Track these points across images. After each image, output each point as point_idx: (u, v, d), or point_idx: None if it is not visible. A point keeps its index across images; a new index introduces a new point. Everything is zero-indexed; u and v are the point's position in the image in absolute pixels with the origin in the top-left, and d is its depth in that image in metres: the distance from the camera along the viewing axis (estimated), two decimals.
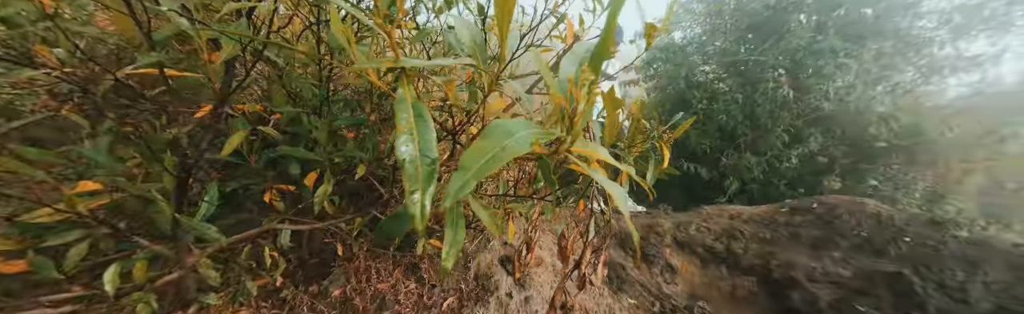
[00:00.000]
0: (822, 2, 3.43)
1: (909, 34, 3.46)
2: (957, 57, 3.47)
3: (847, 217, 2.00)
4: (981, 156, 3.06)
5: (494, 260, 1.13)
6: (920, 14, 3.44)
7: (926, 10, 3.50)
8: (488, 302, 1.03)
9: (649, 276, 2.15)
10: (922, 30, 3.45)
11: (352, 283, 1.07)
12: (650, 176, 0.72)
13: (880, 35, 3.43)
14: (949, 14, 3.39)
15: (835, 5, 3.38)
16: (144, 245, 0.57)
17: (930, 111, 3.06)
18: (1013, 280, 1.50)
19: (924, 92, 3.57)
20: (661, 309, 1.85)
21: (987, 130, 2.80)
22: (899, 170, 3.18)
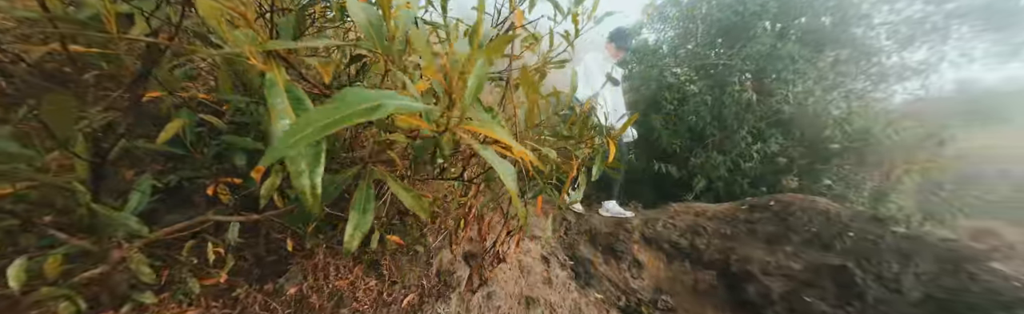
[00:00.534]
0: (785, 11, 3.62)
1: (863, 44, 3.70)
2: (903, 66, 3.75)
3: (800, 214, 2.12)
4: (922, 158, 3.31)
5: (457, 256, 1.12)
6: (872, 25, 3.69)
7: (878, 22, 3.76)
8: (449, 298, 1.02)
9: (617, 271, 2.21)
10: (874, 40, 3.69)
11: (309, 281, 1.04)
12: (595, 170, 0.74)
13: (837, 43, 3.65)
14: (897, 26, 3.65)
15: (797, 14, 3.57)
16: (62, 239, 0.53)
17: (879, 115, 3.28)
18: (940, 271, 1.64)
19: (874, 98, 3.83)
20: (627, 303, 1.90)
21: (928, 134, 3.03)
22: (850, 170, 3.40)
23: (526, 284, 1.28)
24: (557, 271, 1.52)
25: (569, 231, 2.35)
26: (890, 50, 3.76)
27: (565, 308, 1.44)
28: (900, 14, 3.76)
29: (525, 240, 1.52)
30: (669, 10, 4.23)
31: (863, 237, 1.86)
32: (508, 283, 1.19)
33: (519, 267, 1.31)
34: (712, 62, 3.80)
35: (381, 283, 1.02)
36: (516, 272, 1.27)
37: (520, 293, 1.22)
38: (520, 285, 1.24)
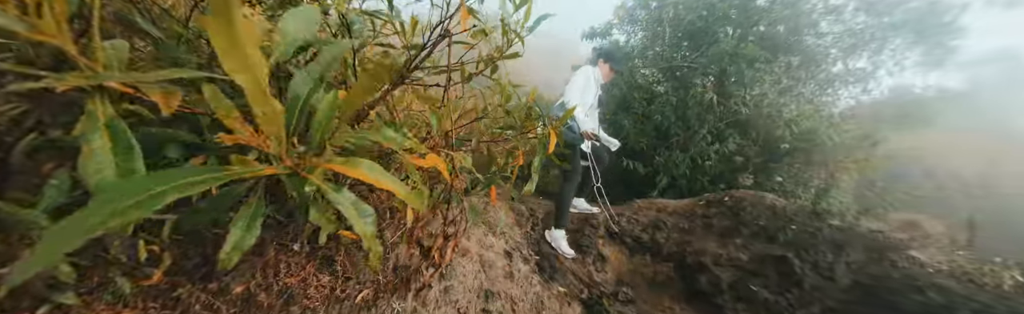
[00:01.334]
0: (745, 17, 3.82)
1: (812, 51, 3.98)
2: (847, 72, 4.07)
3: (750, 209, 2.27)
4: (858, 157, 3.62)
5: (413, 251, 1.12)
6: (821, 34, 3.97)
7: (826, 31, 4.05)
8: (405, 294, 1.02)
9: (582, 265, 2.27)
10: (822, 48, 3.98)
11: (257, 279, 1.00)
12: (537, 160, 0.76)
13: (790, 50, 3.90)
14: (842, 36, 3.95)
15: (756, 21, 3.78)
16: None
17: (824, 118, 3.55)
18: (867, 259, 1.81)
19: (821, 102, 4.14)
20: (589, 295, 1.96)
21: (864, 135, 3.31)
22: (799, 169, 3.67)
23: (487, 278, 1.29)
24: (520, 265, 1.54)
25: (536, 227, 2.39)
26: (835, 58, 4.08)
27: (527, 302, 1.47)
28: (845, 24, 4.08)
29: (488, 235, 1.54)
30: (639, 12, 4.36)
31: (804, 229, 2.01)
32: (468, 277, 1.20)
33: (480, 262, 1.33)
34: (678, 64, 3.96)
35: (335, 279, 1.00)
36: (477, 267, 1.28)
37: (480, 287, 1.23)
38: (480, 279, 1.25)
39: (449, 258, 0.76)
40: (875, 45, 4.00)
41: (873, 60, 3.98)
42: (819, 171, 3.75)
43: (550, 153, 0.81)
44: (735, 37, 3.81)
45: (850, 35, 4.00)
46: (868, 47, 4.04)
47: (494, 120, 0.80)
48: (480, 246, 1.42)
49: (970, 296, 1.45)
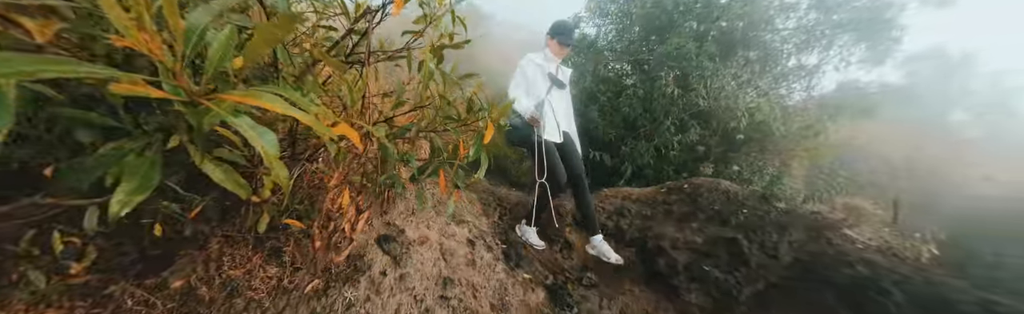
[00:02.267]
0: (707, 12, 3.95)
1: (769, 46, 4.18)
2: (799, 67, 4.32)
3: (707, 195, 2.39)
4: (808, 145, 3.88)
5: (370, 240, 1.11)
6: (776, 30, 4.18)
7: (781, 27, 4.26)
8: (358, 281, 1.01)
9: (549, 253, 2.32)
10: (777, 43, 4.19)
11: (198, 272, 0.96)
12: (473, 151, 0.76)
13: (748, 45, 4.08)
14: (794, 31, 4.17)
15: (716, 16, 3.92)
16: None
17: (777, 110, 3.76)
18: (807, 238, 1.96)
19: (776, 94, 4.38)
20: (554, 281, 2.02)
21: (808, 125, 3.55)
22: (755, 157, 3.89)
23: (446, 266, 1.30)
24: (483, 253, 1.56)
25: (504, 216, 2.42)
26: (789, 53, 4.31)
27: (489, 288, 1.50)
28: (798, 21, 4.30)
29: (450, 224, 1.54)
30: (609, 6, 4.40)
31: (753, 213, 2.15)
32: (426, 265, 1.20)
33: (440, 250, 1.33)
34: (644, 58, 4.05)
35: (283, 270, 0.98)
36: (436, 254, 1.28)
37: (439, 274, 1.24)
38: (440, 267, 1.26)
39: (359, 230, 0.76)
40: (825, 42, 4.25)
41: (822, 56, 4.25)
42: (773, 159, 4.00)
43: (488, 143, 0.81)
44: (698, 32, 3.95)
45: (803, 31, 4.23)
46: (819, 43, 4.29)
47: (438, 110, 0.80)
48: (441, 235, 1.42)
49: (892, 268, 1.61)
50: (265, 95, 0.33)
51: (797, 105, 4.35)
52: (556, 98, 2.05)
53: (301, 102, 0.36)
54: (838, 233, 1.92)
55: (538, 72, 2.01)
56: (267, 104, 0.33)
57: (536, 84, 2.00)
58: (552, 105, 2.01)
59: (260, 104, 0.33)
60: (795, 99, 4.57)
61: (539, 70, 2.01)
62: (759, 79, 4.31)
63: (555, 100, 2.04)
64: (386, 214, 1.24)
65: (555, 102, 2.04)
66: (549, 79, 2.01)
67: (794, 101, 4.52)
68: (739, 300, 1.72)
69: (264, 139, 0.35)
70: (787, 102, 4.36)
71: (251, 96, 0.33)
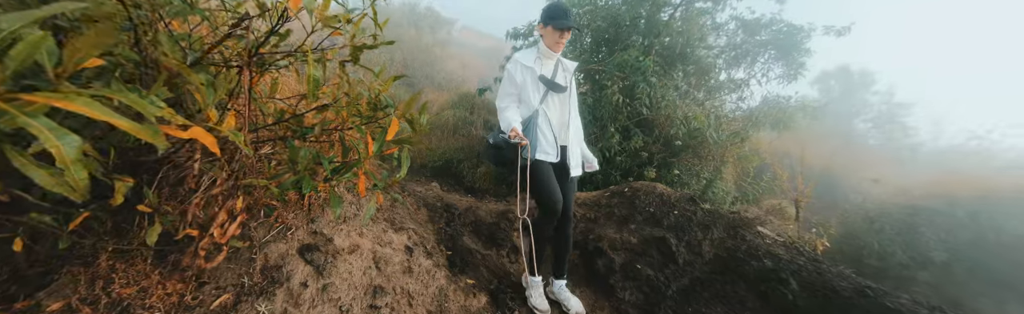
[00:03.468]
0: (650, 28, 4.27)
1: (703, 61, 4.60)
2: (729, 81, 4.80)
3: (644, 197, 2.55)
4: (738, 152, 4.29)
5: (291, 250, 1.06)
6: (709, 47, 4.61)
7: (713, 45, 4.72)
8: (274, 294, 0.96)
9: (496, 258, 2.34)
10: (710, 59, 4.63)
11: (81, 292, 0.86)
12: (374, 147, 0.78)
13: (685, 60, 4.46)
14: (725, 48, 4.63)
15: (658, 32, 4.25)
16: None
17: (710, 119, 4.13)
18: (726, 236, 2.16)
19: (710, 105, 4.82)
20: (498, 285, 2.04)
21: (736, 133, 3.93)
22: (692, 162, 4.22)
23: (379, 274, 1.28)
24: (421, 260, 1.55)
25: (451, 223, 2.41)
26: (721, 68, 4.77)
27: (427, 296, 1.48)
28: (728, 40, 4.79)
29: (388, 231, 1.51)
30: None
31: (683, 214, 2.33)
32: (355, 274, 1.17)
33: (373, 258, 1.30)
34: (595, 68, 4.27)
35: (186, 286, 0.91)
36: (367, 263, 1.25)
37: (369, 283, 1.21)
38: (370, 276, 1.23)
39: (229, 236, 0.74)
40: (750, 59, 4.77)
41: (748, 71, 4.76)
42: (707, 164, 4.37)
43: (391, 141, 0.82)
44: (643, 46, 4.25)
45: (731, 49, 4.72)
46: (745, 60, 4.80)
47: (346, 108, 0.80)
48: (376, 242, 1.39)
49: (792, 260, 1.83)
50: (80, 98, 0.33)
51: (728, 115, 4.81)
52: (554, 105, 1.69)
53: (139, 105, 0.36)
54: (752, 230, 2.14)
55: (528, 76, 1.64)
56: (79, 107, 0.32)
57: (528, 90, 1.64)
58: (547, 115, 1.65)
59: (69, 106, 0.32)
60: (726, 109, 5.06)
61: (529, 73, 1.64)
62: (696, 91, 4.72)
63: (552, 108, 1.68)
64: (313, 222, 1.19)
65: (552, 110, 1.68)
66: (542, 83, 1.64)
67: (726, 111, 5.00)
68: (667, 295, 1.86)
69: (63, 142, 0.34)
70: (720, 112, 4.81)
71: (61, 98, 0.32)
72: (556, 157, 1.66)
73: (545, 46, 1.64)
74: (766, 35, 4.73)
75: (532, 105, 1.65)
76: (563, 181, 1.71)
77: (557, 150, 1.67)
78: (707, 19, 4.50)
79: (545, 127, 1.65)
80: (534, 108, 1.65)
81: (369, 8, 0.78)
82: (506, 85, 1.68)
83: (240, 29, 0.68)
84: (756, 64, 4.79)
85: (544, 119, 1.66)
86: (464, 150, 4.68)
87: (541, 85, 1.65)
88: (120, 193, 0.50)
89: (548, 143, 1.65)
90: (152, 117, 0.37)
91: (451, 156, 4.67)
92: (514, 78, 1.65)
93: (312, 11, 0.73)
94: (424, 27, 10.96)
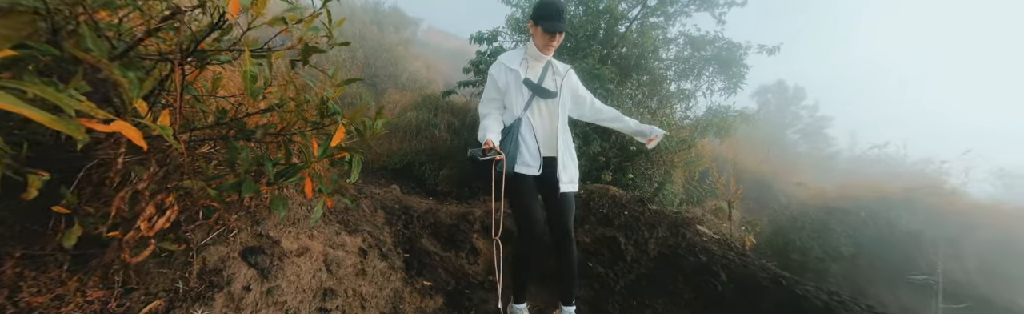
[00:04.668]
0: (608, 39, 4.53)
1: (656, 72, 4.94)
2: (678, 91, 5.19)
3: (598, 199, 2.69)
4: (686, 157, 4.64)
5: (233, 253, 1.02)
6: (661, 59, 4.97)
7: (665, 57, 5.09)
8: (213, 299, 0.92)
9: (454, 260, 2.35)
10: (662, 71, 4.98)
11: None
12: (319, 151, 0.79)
13: (640, 70, 4.76)
14: (674, 61, 5.02)
15: (615, 43, 4.52)
16: None
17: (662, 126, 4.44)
18: (669, 234, 2.34)
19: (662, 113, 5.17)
20: (456, 286, 2.06)
21: (683, 140, 4.26)
22: (644, 167, 4.50)
23: (330, 277, 1.25)
24: (376, 262, 1.53)
25: (410, 225, 2.39)
26: (672, 79, 5.15)
27: (381, 298, 1.47)
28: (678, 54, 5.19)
29: (341, 234, 1.48)
30: (525, 24, 4.74)
31: (632, 214, 2.49)
32: (303, 277, 1.15)
33: (324, 260, 1.28)
34: None
35: (110, 292, 0.85)
36: (317, 265, 1.23)
37: (319, 286, 1.19)
38: (320, 278, 1.21)
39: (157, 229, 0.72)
40: (697, 72, 5.20)
41: (695, 83, 5.18)
42: (659, 169, 4.68)
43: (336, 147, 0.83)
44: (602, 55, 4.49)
45: (681, 62, 5.11)
46: (693, 73, 5.22)
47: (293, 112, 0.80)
48: (327, 245, 1.36)
49: (722, 255, 2.03)
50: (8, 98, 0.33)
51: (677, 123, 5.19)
52: (540, 112, 1.52)
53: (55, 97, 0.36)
54: (692, 229, 2.34)
55: (512, 79, 1.48)
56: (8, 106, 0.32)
57: (511, 95, 1.48)
58: (531, 123, 1.50)
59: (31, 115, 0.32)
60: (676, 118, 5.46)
61: (513, 76, 1.48)
62: (649, 100, 5.06)
63: (538, 115, 1.52)
64: (258, 224, 1.15)
65: (538, 118, 1.52)
66: (528, 87, 1.47)
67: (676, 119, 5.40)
68: (615, 290, 1.98)
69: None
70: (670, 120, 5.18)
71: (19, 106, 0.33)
72: (537, 170, 1.49)
73: (534, 47, 1.48)
74: (710, 51, 5.18)
75: (515, 112, 1.49)
76: (550, 197, 1.56)
77: (540, 162, 1.49)
78: (660, 33, 4.86)
79: (528, 136, 1.48)
80: (517, 115, 1.48)
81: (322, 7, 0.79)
82: (488, 89, 1.52)
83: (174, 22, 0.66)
84: (702, 77, 5.22)
85: (527, 127, 1.49)
86: (426, 152, 4.63)
87: (526, 90, 1.47)
88: (34, 187, 0.48)
89: (530, 154, 1.47)
90: (71, 110, 0.37)
91: (413, 158, 4.60)
92: (496, 82, 1.49)
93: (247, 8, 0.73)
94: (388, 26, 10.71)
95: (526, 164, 1.48)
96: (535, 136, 1.51)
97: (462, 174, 4.52)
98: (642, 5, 4.68)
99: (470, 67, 4.29)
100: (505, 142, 1.44)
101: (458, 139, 4.92)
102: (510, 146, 1.43)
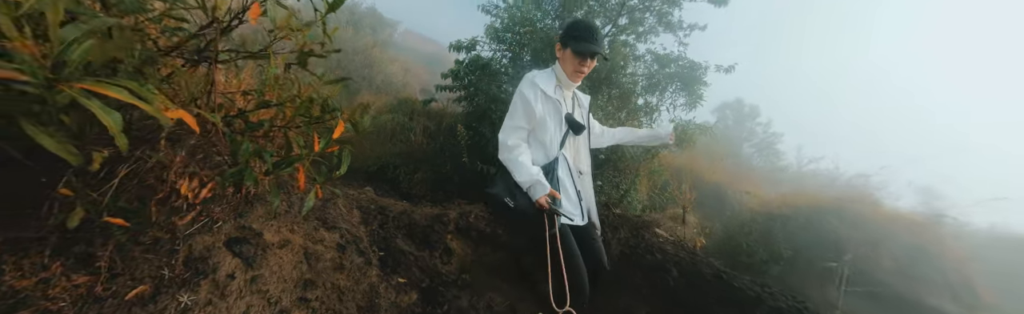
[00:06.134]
0: None
1: (624, 87, 5.30)
2: (645, 105, 5.57)
3: None
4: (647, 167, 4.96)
5: (218, 243, 1.06)
6: (628, 74, 5.34)
7: (632, 72, 5.47)
8: (198, 285, 0.96)
9: (429, 259, 2.41)
10: (630, 85, 5.35)
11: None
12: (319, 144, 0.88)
13: (610, 84, 5.09)
14: (641, 77, 5.40)
15: None
16: None
17: None
18: (630, 236, 2.54)
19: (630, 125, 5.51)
20: (430, 284, 2.11)
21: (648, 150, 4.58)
22: (612, 175, 4.76)
23: (310, 270, 1.30)
24: (354, 258, 1.58)
25: (385, 225, 2.42)
26: (638, 94, 5.53)
27: (357, 292, 1.52)
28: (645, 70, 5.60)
29: (320, 229, 1.53)
30: (504, 34, 4.96)
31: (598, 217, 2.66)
32: (285, 268, 1.19)
33: (304, 254, 1.32)
34: None
35: (95, 278, 0.87)
36: (298, 258, 1.27)
37: (299, 277, 1.23)
38: (301, 270, 1.25)
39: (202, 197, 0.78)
40: (661, 87, 5.62)
41: (659, 98, 5.60)
42: (625, 177, 4.97)
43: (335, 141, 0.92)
44: None
45: (646, 78, 5.52)
46: (657, 88, 5.64)
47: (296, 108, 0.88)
48: (307, 239, 1.40)
49: (675, 253, 2.24)
50: (112, 86, 0.43)
51: None
52: (572, 150, 1.33)
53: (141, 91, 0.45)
54: (650, 231, 2.54)
55: (550, 109, 1.25)
56: (112, 93, 0.42)
57: (548, 129, 1.24)
58: (568, 164, 1.28)
59: (106, 92, 0.41)
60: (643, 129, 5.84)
61: (551, 106, 1.26)
62: (618, 112, 5.39)
63: (572, 155, 1.32)
64: (241, 217, 1.19)
65: (572, 158, 1.32)
66: (566, 123, 1.26)
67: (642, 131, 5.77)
68: None
69: (111, 117, 0.43)
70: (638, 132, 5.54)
71: (100, 86, 0.42)
72: (582, 219, 1.29)
73: (563, 74, 1.27)
74: (674, 68, 5.64)
75: (552, 149, 1.23)
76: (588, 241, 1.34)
77: (582, 210, 1.29)
78: (629, 51, 5.23)
79: (566, 180, 1.25)
80: (553, 155, 1.23)
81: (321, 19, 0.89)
82: (518, 116, 1.24)
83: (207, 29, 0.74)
84: (666, 93, 5.65)
85: (564, 169, 1.25)
86: (401, 156, 4.65)
87: (564, 124, 1.25)
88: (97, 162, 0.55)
89: (569, 201, 1.25)
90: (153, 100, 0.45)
91: (387, 161, 4.59)
92: (533, 109, 1.22)
93: (274, 20, 0.83)
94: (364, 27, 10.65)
95: (569, 213, 1.21)
96: (572, 179, 1.27)
97: (436, 178, 4.56)
98: (613, 24, 5.04)
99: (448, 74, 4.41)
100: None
101: (434, 143, 4.97)
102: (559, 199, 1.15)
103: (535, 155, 1.27)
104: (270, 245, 1.20)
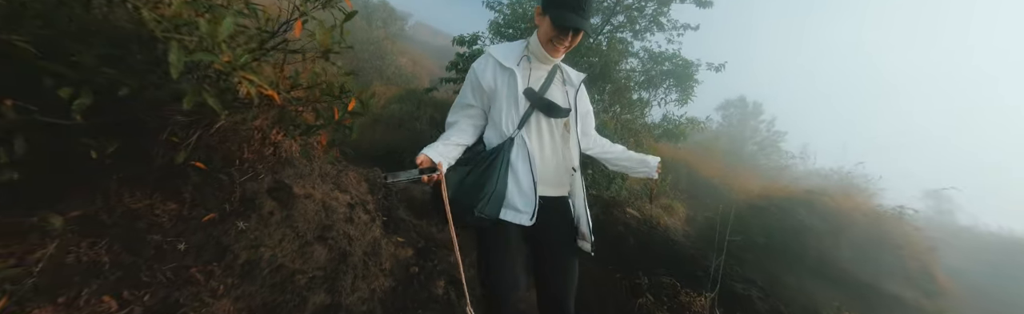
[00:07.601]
0: (578, 48, 5.09)
1: (620, 82, 5.55)
2: (638, 99, 5.83)
3: None
4: None
5: (261, 189, 1.43)
6: (624, 70, 5.59)
7: (627, 69, 5.72)
8: (250, 217, 1.33)
9: (425, 227, 2.78)
10: (625, 81, 5.60)
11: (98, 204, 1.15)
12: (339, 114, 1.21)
13: (606, 79, 5.36)
14: (635, 73, 5.65)
15: (585, 53, 5.08)
16: None
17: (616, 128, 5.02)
18: (600, 213, 2.87)
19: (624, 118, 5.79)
20: (425, 245, 2.48)
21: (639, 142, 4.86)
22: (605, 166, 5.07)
23: (326, 218, 1.66)
24: (361, 215, 1.95)
25: (389, 197, 2.80)
26: (633, 89, 5.79)
27: (363, 241, 1.89)
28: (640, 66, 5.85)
29: (334, 191, 1.89)
30: (507, 30, 5.24)
31: None
32: (308, 213, 1.55)
33: (323, 206, 1.69)
34: None
35: (182, 206, 1.24)
36: (318, 207, 1.64)
37: (319, 222, 1.60)
38: (321, 217, 1.62)
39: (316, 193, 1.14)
40: (655, 83, 5.87)
41: (652, 93, 5.85)
42: None
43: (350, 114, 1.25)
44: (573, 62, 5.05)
45: (642, 74, 5.77)
46: (651, 84, 5.89)
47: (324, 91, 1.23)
48: (325, 196, 1.77)
49: (637, 227, 2.57)
50: (255, 75, 0.77)
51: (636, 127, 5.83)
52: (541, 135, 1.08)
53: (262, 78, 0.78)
54: (620, 209, 2.87)
55: (504, 83, 1.05)
56: (252, 76, 0.76)
57: (500, 105, 1.06)
58: (527, 147, 1.04)
59: (252, 78, 0.75)
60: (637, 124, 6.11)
61: (506, 78, 1.06)
62: (613, 106, 5.66)
63: (536, 138, 1.07)
64: (276, 173, 1.55)
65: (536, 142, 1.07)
66: (528, 99, 1.04)
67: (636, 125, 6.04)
68: None
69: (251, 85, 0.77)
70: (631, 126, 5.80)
71: (250, 73, 0.76)
72: (530, 218, 1.01)
73: (537, 44, 1.05)
74: (667, 65, 5.87)
75: (504, 129, 1.04)
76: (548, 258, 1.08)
77: (533, 207, 1.01)
78: (625, 47, 5.48)
79: (521, 166, 1.02)
80: (507, 135, 1.03)
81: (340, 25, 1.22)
82: (464, 91, 1.09)
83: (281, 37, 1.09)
84: (660, 89, 5.89)
85: (520, 154, 1.03)
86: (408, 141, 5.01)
87: (523, 100, 1.03)
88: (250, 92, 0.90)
89: (521, 193, 1.01)
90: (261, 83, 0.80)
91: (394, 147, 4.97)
92: (479, 82, 1.05)
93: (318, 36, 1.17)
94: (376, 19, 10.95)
95: (513, 208, 1.01)
96: (531, 167, 1.02)
97: None
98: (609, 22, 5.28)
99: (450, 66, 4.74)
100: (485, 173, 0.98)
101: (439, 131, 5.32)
102: (494, 179, 0.97)
103: (489, 135, 1.09)
104: (297, 196, 1.56)
